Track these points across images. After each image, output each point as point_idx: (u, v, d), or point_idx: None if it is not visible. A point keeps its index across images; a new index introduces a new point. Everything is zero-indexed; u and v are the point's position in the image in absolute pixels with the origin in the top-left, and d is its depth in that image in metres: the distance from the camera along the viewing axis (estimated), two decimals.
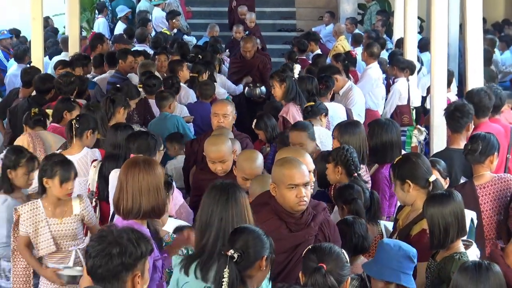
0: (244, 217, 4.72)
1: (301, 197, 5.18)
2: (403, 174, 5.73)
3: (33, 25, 11.07)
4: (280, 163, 5.34)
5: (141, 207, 4.99)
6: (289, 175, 5.19)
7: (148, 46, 14.67)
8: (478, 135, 6.74)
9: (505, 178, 6.69)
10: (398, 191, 5.79)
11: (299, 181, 5.18)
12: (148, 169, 5.03)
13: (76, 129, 7.54)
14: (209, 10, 20.76)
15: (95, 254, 3.77)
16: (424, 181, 5.70)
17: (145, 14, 17.40)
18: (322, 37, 17.82)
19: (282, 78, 9.24)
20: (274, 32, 20.17)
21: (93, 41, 13.57)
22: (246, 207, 4.78)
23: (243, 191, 4.86)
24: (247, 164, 6.31)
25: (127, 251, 3.76)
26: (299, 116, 8.92)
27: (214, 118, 8.11)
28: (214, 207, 4.73)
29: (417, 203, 5.68)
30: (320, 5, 20.93)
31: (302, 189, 5.18)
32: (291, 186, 5.17)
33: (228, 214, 4.70)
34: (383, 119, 7.87)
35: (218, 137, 7.05)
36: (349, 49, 14.70)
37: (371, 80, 11.74)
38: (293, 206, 5.21)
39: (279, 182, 5.23)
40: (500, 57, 16.02)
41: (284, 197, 5.21)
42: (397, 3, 14.05)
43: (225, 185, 4.83)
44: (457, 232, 5.18)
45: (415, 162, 5.75)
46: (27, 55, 12.92)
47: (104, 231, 3.84)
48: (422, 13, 15.73)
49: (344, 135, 7.16)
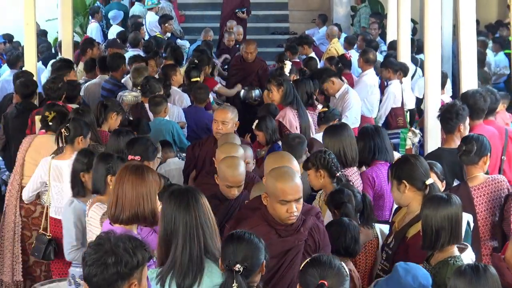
0: (207, 217, 4.68)
1: (291, 213, 5.15)
2: (400, 174, 5.72)
3: (26, 30, 11.03)
4: (275, 176, 5.25)
5: (123, 212, 4.95)
6: (282, 190, 5.14)
7: (141, 51, 14.65)
8: (471, 136, 6.76)
9: (498, 179, 6.71)
10: (394, 190, 5.78)
11: (291, 198, 5.14)
12: (137, 175, 4.99)
13: (66, 137, 7.53)
14: (202, 13, 20.76)
15: (91, 263, 3.77)
16: (421, 183, 5.68)
17: (138, 18, 17.37)
18: (316, 40, 17.83)
19: (280, 82, 9.23)
20: (268, 35, 20.18)
21: (83, 46, 13.55)
22: (207, 207, 4.74)
23: (201, 193, 4.80)
24: (229, 171, 6.25)
25: (123, 260, 3.75)
26: (296, 121, 8.92)
27: (214, 125, 8.10)
28: (176, 214, 4.67)
29: (413, 205, 5.67)
30: (313, 8, 20.96)
31: (293, 204, 5.15)
32: (283, 202, 5.14)
33: (192, 217, 4.64)
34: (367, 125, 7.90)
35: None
36: (342, 51, 14.69)
37: (366, 87, 11.71)
38: (283, 220, 5.19)
39: (271, 195, 5.20)
40: (493, 59, 16.03)
41: (275, 210, 5.19)
42: (390, 5, 14.05)
43: (183, 190, 4.80)
44: (449, 238, 5.15)
45: (413, 163, 5.74)
46: (20, 60, 12.89)
47: (102, 239, 3.83)
48: (415, 15, 15.73)
49: (325, 138, 7.25)
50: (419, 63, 13.18)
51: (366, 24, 18.51)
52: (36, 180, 7.76)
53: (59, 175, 7.58)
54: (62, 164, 7.57)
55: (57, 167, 7.58)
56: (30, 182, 7.83)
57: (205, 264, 4.60)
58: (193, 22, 20.24)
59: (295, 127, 8.85)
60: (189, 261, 4.56)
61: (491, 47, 16.30)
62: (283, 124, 8.88)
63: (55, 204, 7.67)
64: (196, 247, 4.60)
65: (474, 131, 7.45)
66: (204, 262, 4.60)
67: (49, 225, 7.67)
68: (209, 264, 4.61)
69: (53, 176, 7.59)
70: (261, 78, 12.69)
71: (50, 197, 7.69)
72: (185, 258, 4.58)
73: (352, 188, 6.21)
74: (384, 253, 5.70)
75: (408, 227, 5.62)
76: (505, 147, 7.77)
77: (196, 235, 4.61)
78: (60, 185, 7.61)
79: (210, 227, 4.68)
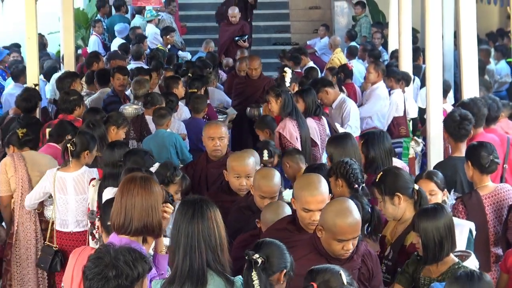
0: (213, 232, 4.61)
1: (347, 250, 4.97)
2: (391, 188, 5.71)
3: (27, 44, 11.07)
4: (335, 212, 4.98)
5: (132, 223, 4.93)
6: (341, 228, 4.90)
7: (144, 63, 14.67)
8: None
9: (505, 188, 6.74)
10: (388, 207, 5.73)
11: (350, 237, 4.94)
12: (144, 186, 4.97)
13: (71, 152, 7.54)
14: (204, 25, 20.80)
15: (91, 277, 3.77)
16: (411, 191, 5.70)
17: (140, 31, 17.40)
18: (317, 50, 17.89)
19: (278, 93, 9.18)
20: (269, 46, 20.20)
21: (89, 59, 13.56)
22: (215, 221, 4.64)
23: (213, 206, 4.72)
24: (264, 182, 6.17)
25: (123, 273, 3.76)
26: (296, 131, 8.89)
27: (210, 142, 7.81)
28: (180, 223, 4.65)
29: (405, 214, 5.69)
30: (315, 18, 21.00)
31: (350, 242, 4.96)
32: (341, 240, 4.94)
33: (193, 229, 4.59)
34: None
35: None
36: (345, 61, 14.72)
37: (380, 100, 11.56)
38: (337, 255, 4.99)
39: (328, 230, 4.95)
40: (495, 67, 16.03)
41: (330, 245, 4.97)
42: (392, 14, 14.07)
43: (194, 200, 4.73)
44: (451, 246, 5.20)
45: (399, 173, 5.77)
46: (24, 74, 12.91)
47: (102, 252, 3.83)
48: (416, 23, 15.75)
49: (329, 147, 7.21)
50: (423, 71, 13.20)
51: (367, 33, 18.53)
52: (40, 190, 7.76)
53: (64, 187, 7.60)
54: (67, 176, 7.59)
55: (61, 178, 7.60)
56: (34, 190, 7.82)
57: (208, 277, 4.56)
58: (195, 34, 20.29)
59: (295, 138, 8.83)
60: (189, 272, 4.53)
61: (493, 56, 16.31)
62: (283, 135, 8.86)
63: (60, 217, 7.69)
64: (197, 259, 4.56)
65: (476, 139, 7.45)
66: (206, 274, 4.56)
67: (56, 238, 7.68)
68: (213, 277, 4.58)
69: (57, 188, 7.61)
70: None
71: (55, 211, 7.69)
72: (185, 269, 4.56)
73: (361, 199, 6.16)
74: (384, 266, 5.68)
75: (405, 235, 5.63)
76: (507, 156, 7.76)
77: (198, 247, 4.56)
78: (65, 197, 7.63)
79: (214, 241, 4.61)
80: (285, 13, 21.33)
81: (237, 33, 16.29)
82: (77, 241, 7.60)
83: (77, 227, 7.68)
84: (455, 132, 7.47)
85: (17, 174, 8.00)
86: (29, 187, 8.05)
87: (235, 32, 16.35)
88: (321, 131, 9.32)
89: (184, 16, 20.64)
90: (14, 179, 8.05)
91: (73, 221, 7.67)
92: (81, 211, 7.61)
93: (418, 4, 14.96)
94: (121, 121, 8.88)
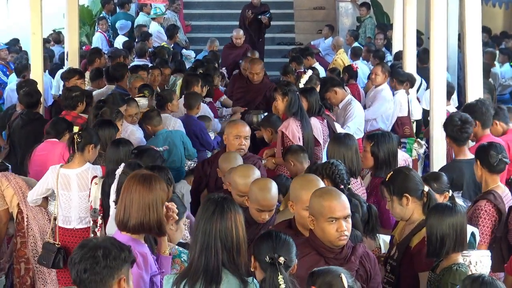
0: (230, 233, 4.61)
1: (342, 231, 4.93)
2: (400, 189, 5.70)
3: (32, 40, 11.07)
4: (319, 195, 5.04)
5: (130, 220, 4.93)
6: (330, 207, 4.93)
7: (148, 61, 14.68)
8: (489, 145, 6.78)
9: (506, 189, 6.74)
10: (396, 207, 5.73)
11: (340, 214, 4.93)
12: (145, 184, 4.95)
13: (78, 143, 7.55)
14: (208, 24, 20.82)
15: (79, 260, 3.80)
16: (420, 193, 5.70)
17: (144, 28, 17.41)
18: (321, 51, 17.88)
19: (285, 92, 9.14)
20: (273, 45, 20.20)
21: (91, 56, 13.57)
22: (234, 222, 4.65)
23: (235, 207, 4.71)
24: (261, 194, 5.92)
25: (111, 253, 3.80)
26: (298, 131, 8.88)
27: (236, 141, 7.77)
28: (200, 220, 4.67)
29: (413, 215, 5.69)
30: (319, 18, 21.00)
31: (343, 222, 4.93)
32: (332, 220, 4.93)
33: (211, 227, 4.61)
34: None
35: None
36: (349, 62, 14.71)
37: (385, 102, 11.52)
38: (333, 241, 4.96)
39: (318, 215, 4.96)
40: (499, 70, 16.02)
41: (324, 231, 4.96)
42: (396, 16, 14.08)
43: (217, 198, 4.73)
44: (454, 245, 5.21)
45: (409, 175, 5.76)
46: (28, 70, 12.93)
47: (85, 241, 3.90)
48: (421, 25, 15.75)
49: (329, 148, 7.19)
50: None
51: (371, 34, 18.54)
52: (43, 185, 7.74)
53: (67, 184, 7.60)
54: (70, 173, 7.60)
55: (65, 175, 7.61)
56: (37, 186, 7.81)
57: (223, 276, 4.57)
58: (199, 32, 20.30)
59: (297, 138, 8.81)
60: (203, 269, 4.55)
61: (498, 58, 16.30)
62: (286, 134, 8.86)
63: (63, 213, 7.69)
64: (213, 258, 4.57)
65: (483, 140, 7.48)
66: (221, 273, 4.57)
67: (58, 234, 7.68)
68: (227, 275, 4.60)
69: (61, 185, 7.61)
70: (269, 101, 11.16)
71: (57, 207, 7.69)
72: (199, 266, 4.58)
73: (358, 198, 6.19)
74: (389, 266, 5.69)
75: (411, 236, 5.63)
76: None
77: (214, 245, 4.57)
78: (68, 194, 7.63)
79: (231, 241, 4.62)
80: (289, 13, 21.32)
81: (240, 57, 15.21)
82: (79, 238, 7.56)
83: (80, 224, 7.67)
84: (457, 136, 7.48)
85: (11, 183, 7.97)
86: (28, 187, 8.01)
87: (239, 56, 15.61)
88: (324, 131, 9.31)
89: (188, 15, 20.64)
90: (10, 188, 7.99)
91: (76, 217, 7.67)
92: (84, 208, 7.61)
93: (422, 6, 14.96)
94: (116, 114, 8.89)
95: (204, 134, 10.20)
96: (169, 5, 18.34)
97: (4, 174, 8.03)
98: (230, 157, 7.26)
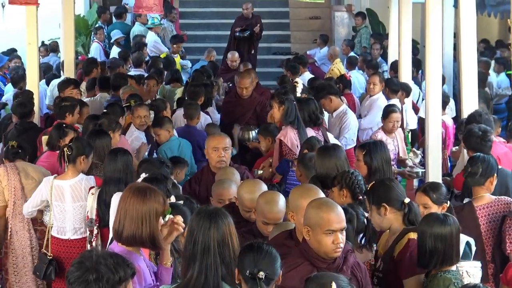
0: (227, 246, 4.62)
1: (338, 243, 4.94)
2: (379, 198, 5.71)
3: (28, 49, 11.08)
4: (317, 206, 5.03)
5: (124, 231, 4.90)
6: (327, 219, 4.92)
7: (144, 71, 14.68)
8: (477, 158, 6.78)
9: (505, 200, 6.73)
10: (374, 216, 5.74)
11: (338, 226, 4.94)
12: (139, 196, 4.91)
13: (68, 156, 7.54)
14: (204, 33, 20.84)
15: (73, 281, 3.81)
16: (399, 203, 5.69)
17: (140, 38, 17.41)
18: (317, 60, 17.89)
19: (282, 100, 9.14)
20: (269, 55, 20.23)
21: (88, 66, 13.57)
22: (229, 234, 4.66)
23: (228, 218, 4.71)
24: (267, 207, 5.85)
25: (104, 277, 3.79)
26: (296, 140, 8.90)
27: (214, 153, 7.72)
28: (198, 236, 4.63)
29: (394, 225, 5.68)
30: (315, 28, 21.02)
31: (339, 235, 4.94)
32: (329, 232, 4.92)
33: (210, 244, 4.59)
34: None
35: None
36: (345, 72, 14.71)
37: (381, 111, 11.43)
38: (328, 253, 4.96)
39: (315, 226, 4.95)
40: (495, 79, 16.03)
41: (320, 243, 4.95)
42: (392, 25, 14.09)
43: (209, 211, 4.72)
44: (443, 258, 5.22)
45: (390, 185, 5.76)
46: (23, 80, 12.93)
47: (84, 257, 3.87)
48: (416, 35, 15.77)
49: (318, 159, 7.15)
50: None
51: (367, 44, 18.56)
52: (38, 197, 7.76)
53: (61, 195, 7.60)
54: (64, 184, 7.59)
55: (59, 187, 7.60)
56: (32, 198, 7.83)
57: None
58: (195, 42, 20.31)
59: (296, 146, 8.83)
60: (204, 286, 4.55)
61: (494, 68, 16.32)
62: (284, 142, 8.86)
63: (57, 224, 7.70)
64: (213, 276, 4.57)
65: (492, 148, 7.54)
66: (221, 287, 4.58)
67: (51, 244, 7.67)
68: None
69: (55, 196, 7.61)
70: (259, 117, 11.06)
71: (51, 218, 7.69)
72: (199, 283, 4.57)
73: (356, 209, 6.17)
74: (375, 278, 5.68)
75: (393, 246, 5.63)
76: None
77: (214, 262, 4.57)
78: (62, 205, 7.63)
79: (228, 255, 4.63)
80: (285, 22, 21.35)
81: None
82: (74, 248, 7.61)
83: (74, 234, 7.67)
84: (481, 146, 7.52)
85: (9, 183, 8.00)
86: (22, 196, 8.09)
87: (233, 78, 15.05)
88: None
89: (184, 24, 20.66)
90: (7, 188, 8.05)
91: (70, 228, 7.66)
92: (78, 219, 7.62)
93: (418, 15, 14.98)
94: (115, 125, 8.91)
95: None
96: (164, 15, 18.35)
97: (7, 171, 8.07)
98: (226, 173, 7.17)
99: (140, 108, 9.84)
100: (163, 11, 11.00)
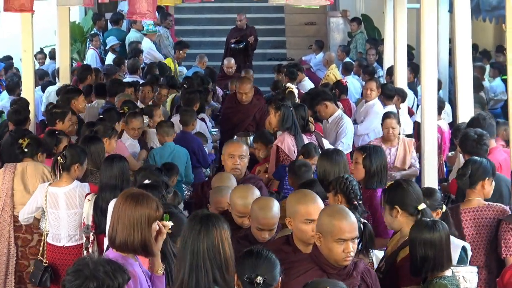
0: (218, 250, 4.60)
1: (348, 252, 4.92)
2: (393, 200, 5.74)
3: (23, 57, 11.08)
4: (330, 213, 5.02)
5: (116, 238, 4.87)
6: (340, 228, 4.91)
7: (139, 77, 14.67)
8: (470, 160, 6.79)
9: (497, 208, 6.66)
10: (386, 215, 5.79)
11: (349, 236, 4.92)
12: (132, 202, 4.87)
13: (62, 164, 7.53)
14: (199, 40, 20.84)
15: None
16: (413, 209, 5.70)
17: (136, 44, 17.41)
18: (313, 66, 17.89)
19: (278, 106, 9.13)
20: (265, 61, 20.23)
21: (82, 73, 13.55)
22: (221, 239, 4.63)
23: (221, 224, 4.68)
24: (261, 213, 5.78)
25: (104, 284, 3.78)
26: (293, 146, 8.90)
27: (230, 160, 7.62)
28: (187, 239, 4.64)
29: (405, 229, 5.67)
30: (310, 34, 21.05)
31: (350, 244, 4.92)
32: (340, 241, 4.90)
33: (199, 247, 4.58)
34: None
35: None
36: (340, 77, 14.72)
37: (378, 117, 11.34)
38: (339, 261, 4.94)
39: (327, 234, 4.93)
40: (491, 84, 16.05)
41: (331, 250, 4.94)
42: (387, 31, 14.11)
43: (202, 216, 4.72)
44: (434, 265, 5.22)
45: (406, 189, 5.76)
46: (19, 87, 12.92)
47: (80, 265, 3.84)
48: (411, 40, 15.78)
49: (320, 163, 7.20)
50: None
51: (362, 49, 18.58)
52: (33, 204, 7.77)
53: (55, 202, 7.59)
54: (58, 191, 7.58)
55: (53, 194, 7.59)
56: (27, 204, 7.84)
57: None
58: (190, 48, 20.27)
59: (293, 152, 8.84)
60: None
61: (489, 73, 16.33)
62: (281, 148, 8.86)
63: (52, 231, 7.69)
64: (204, 278, 4.56)
65: (492, 154, 7.65)
66: None
67: (46, 251, 7.66)
68: None
69: (49, 203, 7.60)
70: (259, 124, 11.06)
71: (46, 225, 7.68)
72: (191, 286, 4.56)
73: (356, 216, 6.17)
74: None
75: (399, 250, 5.64)
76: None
77: (204, 265, 4.56)
78: (56, 212, 7.62)
79: (220, 259, 4.60)
80: (281, 28, 21.37)
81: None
82: (69, 255, 7.59)
83: (69, 242, 7.66)
84: (477, 150, 7.53)
85: (3, 186, 8.00)
86: (10, 202, 8.10)
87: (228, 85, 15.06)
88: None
89: (180, 31, 20.68)
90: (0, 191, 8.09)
91: (65, 235, 7.65)
92: (73, 226, 7.61)
93: (413, 20, 15.00)
94: (111, 131, 8.90)
95: (202, 151, 10.14)
96: (160, 22, 18.35)
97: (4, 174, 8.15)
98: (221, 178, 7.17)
99: (135, 119, 9.79)
100: (156, 18, 10.96)
